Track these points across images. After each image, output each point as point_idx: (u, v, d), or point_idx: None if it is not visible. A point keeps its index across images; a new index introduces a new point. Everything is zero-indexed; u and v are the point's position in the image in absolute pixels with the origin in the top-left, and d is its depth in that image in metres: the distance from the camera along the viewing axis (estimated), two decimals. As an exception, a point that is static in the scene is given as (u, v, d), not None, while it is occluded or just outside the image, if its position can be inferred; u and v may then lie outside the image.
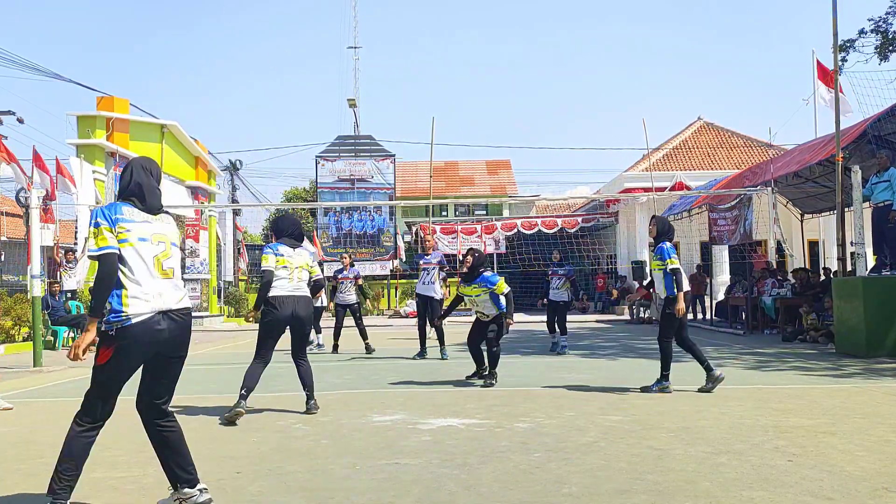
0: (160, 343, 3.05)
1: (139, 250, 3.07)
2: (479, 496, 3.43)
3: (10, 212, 25.03)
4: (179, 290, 3.18)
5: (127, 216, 3.10)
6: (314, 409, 5.85)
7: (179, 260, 3.28)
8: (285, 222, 6.00)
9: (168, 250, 3.17)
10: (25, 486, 3.76)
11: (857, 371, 7.92)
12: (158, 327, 3.03)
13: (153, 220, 3.18)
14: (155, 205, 3.21)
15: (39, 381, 8.55)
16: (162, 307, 3.05)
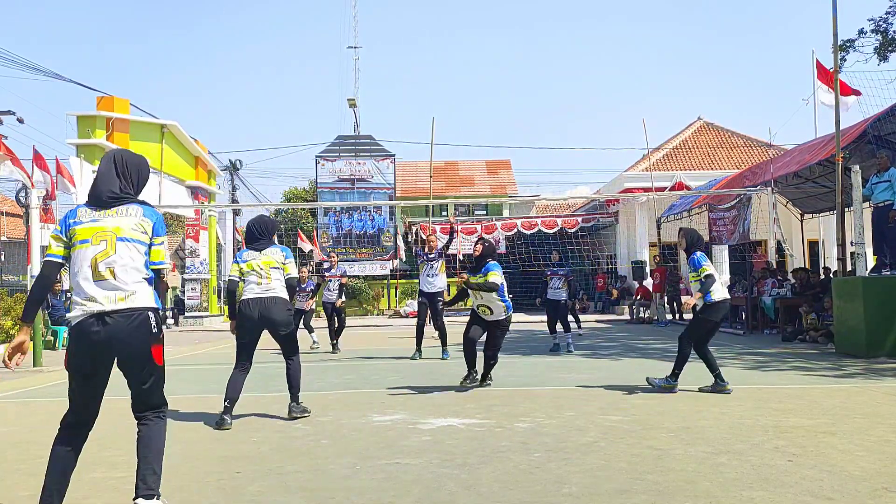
0: (99, 345, 2.91)
1: (81, 254, 2.96)
2: (479, 496, 3.43)
3: (10, 212, 25.04)
4: (121, 290, 2.90)
5: (79, 218, 3.01)
6: (294, 411, 5.53)
7: (133, 254, 2.97)
8: (250, 225, 5.89)
9: (109, 248, 2.93)
10: (25, 487, 3.76)
11: (857, 371, 7.92)
12: (93, 329, 2.89)
13: (102, 216, 2.99)
14: (105, 194, 3.00)
15: (39, 381, 8.55)
16: (95, 310, 2.87)
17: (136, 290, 2.94)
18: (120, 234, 2.97)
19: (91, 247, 2.94)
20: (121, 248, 2.95)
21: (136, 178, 3.15)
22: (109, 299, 2.89)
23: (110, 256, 2.93)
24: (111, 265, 2.93)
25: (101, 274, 2.91)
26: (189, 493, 3.56)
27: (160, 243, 3.08)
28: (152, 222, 3.06)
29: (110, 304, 2.89)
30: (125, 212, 3.03)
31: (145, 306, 2.95)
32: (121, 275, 2.92)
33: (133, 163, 3.15)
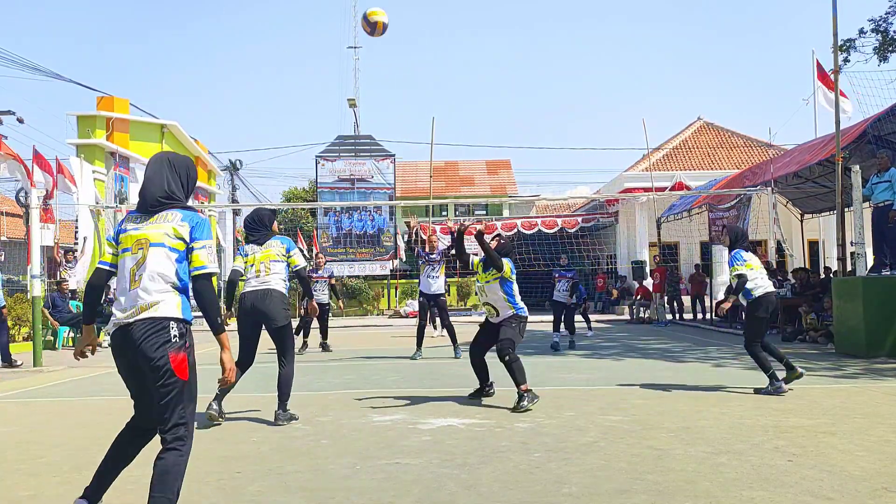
0: (127, 356, 2.84)
1: (122, 263, 2.94)
2: (479, 496, 3.43)
3: (10, 212, 25.04)
4: (145, 300, 2.81)
5: (125, 225, 2.99)
6: (280, 419, 5.32)
7: (163, 262, 2.87)
8: (247, 220, 5.82)
9: (143, 256, 2.88)
10: (26, 487, 3.76)
11: (857, 371, 7.92)
12: (119, 340, 2.84)
13: (144, 224, 2.94)
14: (151, 200, 2.95)
15: (39, 381, 8.55)
16: (122, 321, 2.83)
17: (161, 300, 2.83)
18: (153, 240, 2.89)
19: (131, 256, 2.91)
20: (152, 256, 2.88)
21: (185, 180, 3.07)
22: (136, 309, 2.82)
23: (143, 265, 2.87)
24: (142, 274, 2.86)
25: (136, 282, 2.86)
26: (189, 493, 3.56)
27: (201, 247, 2.92)
28: (190, 226, 2.93)
29: (135, 314, 2.81)
30: (164, 217, 2.94)
31: (167, 316, 2.81)
32: (148, 284, 2.84)
33: (182, 164, 3.09)
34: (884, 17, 13.92)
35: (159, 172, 3.00)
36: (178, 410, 2.81)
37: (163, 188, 2.97)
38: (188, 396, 2.83)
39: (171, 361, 2.76)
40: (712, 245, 18.77)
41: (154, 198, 2.95)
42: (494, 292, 6.21)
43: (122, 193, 17.98)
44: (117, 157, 17.73)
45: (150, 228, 2.91)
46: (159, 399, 2.79)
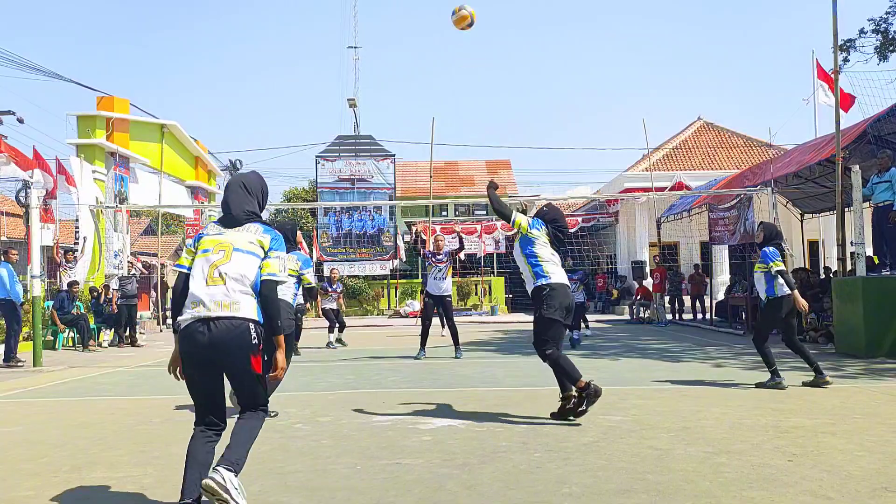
0: (203, 349, 3.02)
1: (200, 261, 3.18)
2: (480, 496, 3.43)
3: (10, 212, 25.02)
4: (227, 297, 3.07)
5: (207, 231, 3.31)
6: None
7: (245, 266, 3.15)
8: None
9: (225, 257, 3.15)
10: (27, 486, 3.76)
11: (857, 371, 7.93)
12: (199, 332, 3.02)
13: (227, 232, 3.26)
14: (233, 219, 3.29)
15: (39, 381, 8.55)
16: (202, 314, 3.03)
17: (241, 301, 3.09)
18: (237, 245, 3.19)
19: (211, 255, 3.17)
20: (235, 258, 3.16)
21: (261, 197, 3.45)
22: (216, 304, 3.05)
23: (225, 264, 3.13)
24: (224, 272, 3.11)
25: (215, 279, 3.11)
26: (190, 493, 3.56)
27: (275, 257, 3.25)
28: (270, 237, 3.27)
29: (216, 309, 3.04)
30: (247, 228, 3.27)
31: (247, 317, 3.08)
32: (230, 283, 3.10)
33: (255, 184, 3.43)
34: (884, 17, 13.92)
35: (237, 197, 3.35)
36: (258, 396, 3.21)
37: (243, 209, 3.32)
38: (264, 384, 3.22)
39: (252, 364, 3.09)
40: (712, 245, 18.76)
41: (241, 216, 3.30)
42: (518, 256, 5.41)
43: (122, 193, 17.97)
44: (117, 157, 17.72)
45: (235, 235, 3.24)
46: (242, 390, 3.17)
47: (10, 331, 10.58)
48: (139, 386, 7.96)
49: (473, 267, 26.16)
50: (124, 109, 18.15)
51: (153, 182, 19.89)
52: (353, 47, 32.10)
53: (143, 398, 6.91)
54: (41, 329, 10.59)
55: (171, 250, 36.23)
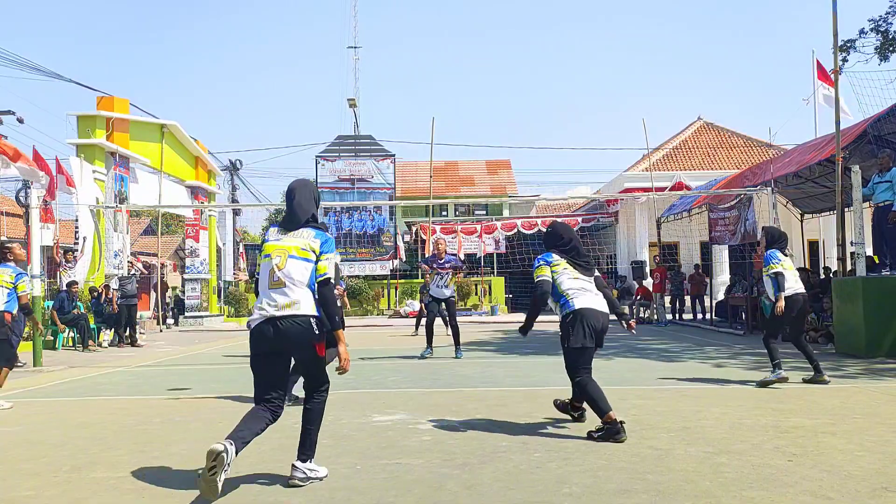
0: (272, 344, 3.54)
1: (264, 266, 3.68)
2: (480, 496, 3.43)
3: (10, 212, 25.03)
4: (288, 298, 3.54)
5: (269, 236, 3.77)
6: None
7: (300, 270, 3.60)
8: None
9: (282, 262, 3.61)
10: (27, 486, 3.76)
11: (857, 371, 7.93)
12: (267, 332, 3.54)
13: (285, 236, 3.69)
14: (291, 223, 3.73)
15: (39, 381, 8.55)
16: (269, 314, 3.54)
17: (300, 300, 3.56)
18: (291, 252, 3.64)
19: (272, 260, 3.65)
20: (290, 264, 3.61)
21: (317, 202, 3.91)
22: (280, 306, 3.54)
23: (282, 270, 3.60)
24: (283, 277, 3.59)
25: (276, 283, 3.59)
26: (189, 493, 3.56)
27: (326, 259, 3.67)
28: (320, 241, 3.69)
29: (280, 310, 3.53)
30: (301, 234, 3.70)
31: (308, 314, 3.57)
32: (289, 286, 3.58)
33: (315, 190, 3.94)
34: (884, 17, 13.92)
35: (306, 199, 3.80)
36: (321, 377, 3.74)
37: (307, 212, 3.76)
38: (324, 366, 3.75)
39: (316, 350, 3.62)
40: (712, 245, 18.76)
41: (300, 220, 3.73)
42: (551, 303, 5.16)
43: (122, 193, 17.97)
44: (117, 157, 17.73)
45: (291, 241, 3.68)
46: (309, 374, 3.72)
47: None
48: (139, 386, 7.96)
49: (473, 267, 26.16)
50: (124, 109, 18.15)
51: (153, 182, 19.89)
52: (353, 47, 32.11)
53: (143, 398, 6.92)
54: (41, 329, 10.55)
55: (171, 250, 36.22)
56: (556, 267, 4.88)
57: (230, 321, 23.53)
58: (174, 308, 24.03)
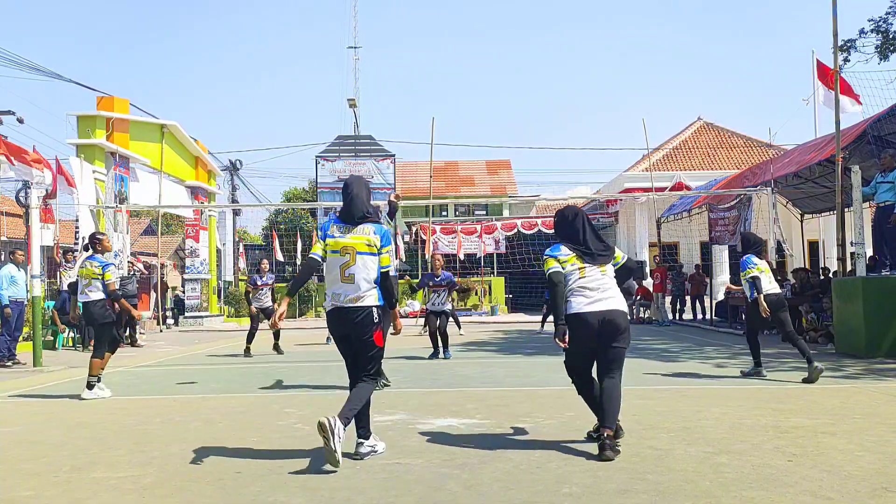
0: (340, 328, 4.17)
1: (333, 261, 4.16)
2: (480, 496, 3.43)
3: (10, 212, 25.03)
4: (357, 291, 4.09)
5: (332, 232, 4.18)
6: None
7: (367, 266, 4.11)
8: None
9: (351, 260, 4.11)
10: (27, 486, 3.76)
11: (857, 371, 7.93)
12: (338, 318, 4.13)
13: (348, 233, 4.14)
14: (356, 214, 4.17)
15: (39, 381, 8.55)
16: (339, 304, 4.11)
17: (366, 294, 4.10)
18: (359, 249, 4.12)
19: (340, 257, 4.13)
20: (359, 261, 4.11)
21: (370, 198, 4.31)
22: (349, 298, 4.09)
23: (351, 267, 4.11)
24: (352, 273, 4.10)
25: (346, 278, 4.11)
26: (189, 494, 3.56)
27: (386, 252, 4.18)
28: (379, 236, 4.16)
29: (349, 302, 4.09)
30: (363, 230, 4.15)
31: (371, 305, 4.11)
32: (358, 281, 4.10)
33: (368, 186, 4.33)
34: (884, 17, 13.92)
35: (360, 195, 4.20)
36: (375, 363, 4.23)
37: (362, 208, 4.18)
38: (380, 354, 4.27)
39: (374, 337, 4.14)
40: (712, 245, 18.76)
41: (358, 215, 4.17)
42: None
43: (122, 193, 17.97)
44: (117, 157, 17.72)
45: (354, 239, 4.13)
46: (365, 356, 4.17)
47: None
48: (139, 386, 7.96)
49: (473, 267, 26.15)
50: (124, 109, 18.15)
51: (153, 182, 19.88)
52: (353, 47, 32.08)
53: (143, 398, 6.92)
54: (41, 329, 10.56)
55: (171, 250, 36.21)
56: (564, 264, 4.45)
57: (230, 321, 23.53)
58: (174, 308, 24.03)
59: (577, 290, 4.42)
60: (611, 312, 4.29)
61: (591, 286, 4.37)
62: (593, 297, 4.35)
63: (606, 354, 4.34)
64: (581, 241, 4.47)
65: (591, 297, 4.35)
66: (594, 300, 4.34)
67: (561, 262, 4.42)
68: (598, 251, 4.46)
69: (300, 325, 21.86)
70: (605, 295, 4.36)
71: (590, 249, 4.44)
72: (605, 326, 4.28)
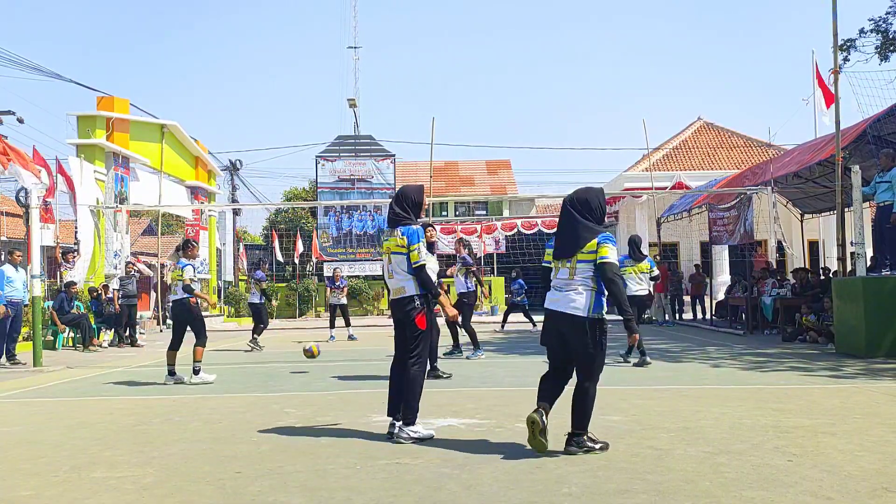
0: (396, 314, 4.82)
1: (384, 262, 4.94)
2: (479, 496, 3.43)
3: (10, 212, 25.03)
4: (397, 287, 4.78)
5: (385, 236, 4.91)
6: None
7: (400, 263, 4.76)
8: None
9: (389, 259, 4.82)
10: (27, 486, 3.76)
11: (857, 371, 7.92)
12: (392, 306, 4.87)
13: (389, 236, 4.84)
14: (390, 224, 4.85)
15: (39, 381, 8.55)
16: (392, 298, 4.84)
17: (405, 286, 4.75)
18: (392, 250, 4.81)
19: (384, 257, 4.93)
20: (394, 260, 4.81)
21: (409, 205, 4.85)
22: (394, 290, 4.82)
23: (391, 265, 4.84)
24: (392, 270, 4.83)
25: (389, 275, 4.87)
26: (189, 494, 3.56)
27: (415, 249, 4.68)
28: (406, 237, 4.71)
29: (394, 294, 4.81)
30: (395, 233, 4.80)
31: (411, 294, 4.74)
32: (395, 276, 4.81)
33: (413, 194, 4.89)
34: (884, 17, 13.93)
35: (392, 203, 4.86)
36: (417, 345, 4.75)
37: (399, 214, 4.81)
38: (424, 337, 4.79)
39: (416, 321, 4.72)
40: (712, 245, 18.76)
41: (393, 221, 4.83)
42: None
43: (122, 193, 17.97)
44: (117, 157, 17.72)
45: (391, 241, 4.83)
46: (411, 338, 4.75)
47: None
48: (139, 386, 7.96)
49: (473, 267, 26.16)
50: (124, 109, 18.15)
51: (153, 182, 19.88)
52: (353, 47, 32.05)
53: (143, 398, 6.91)
54: (41, 329, 10.55)
55: (171, 250, 36.19)
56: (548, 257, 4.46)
57: (230, 321, 23.52)
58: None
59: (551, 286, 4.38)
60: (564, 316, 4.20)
61: (559, 285, 4.28)
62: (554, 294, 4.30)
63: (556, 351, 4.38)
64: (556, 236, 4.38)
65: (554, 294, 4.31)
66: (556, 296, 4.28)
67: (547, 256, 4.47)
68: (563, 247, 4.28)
69: (300, 325, 21.86)
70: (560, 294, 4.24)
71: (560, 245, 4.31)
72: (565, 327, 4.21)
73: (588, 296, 4.16)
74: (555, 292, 4.28)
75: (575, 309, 4.13)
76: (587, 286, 4.17)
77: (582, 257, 4.16)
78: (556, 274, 4.31)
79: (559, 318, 4.21)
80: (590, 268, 4.16)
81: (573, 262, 4.18)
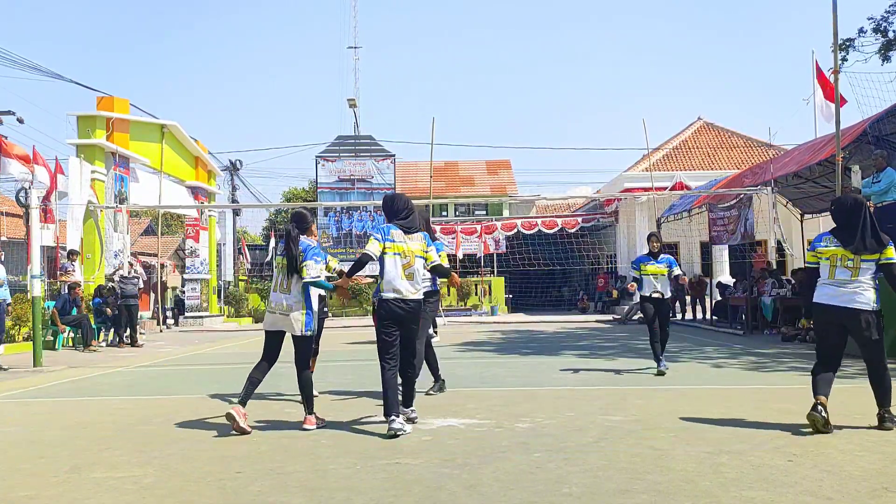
0: (399, 317, 4.97)
1: (393, 261, 4.98)
2: (480, 496, 3.43)
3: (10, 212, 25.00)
4: (414, 287, 5.03)
5: (393, 236, 5.01)
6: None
7: (420, 266, 5.09)
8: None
9: (411, 261, 5.01)
10: (26, 486, 3.76)
11: (857, 371, 7.91)
12: (398, 307, 4.96)
13: (408, 239, 5.03)
14: (410, 228, 5.11)
15: (39, 381, 8.55)
16: (400, 297, 4.95)
17: (421, 289, 5.17)
18: (416, 253, 5.06)
19: (401, 258, 5.01)
20: (416, 263, 5.06)
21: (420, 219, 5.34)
22: (410, 292, 5.00)
23: (411, 267, 5.03)
24: (412, 272, 5.03)
25: (406, 276, 5.00)
26: (189, 493, 3.56)
27: (431, 250, 5.21)
28: (427, 242, 5.21)
29: (410, 295, 5.00)
30: (417, 238, 5.13)
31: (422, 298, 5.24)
32: (416, 278, 5.08)
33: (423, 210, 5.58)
34: (884, 16, 13.93)
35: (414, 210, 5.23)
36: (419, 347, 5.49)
37: (415, 223, 5.17)
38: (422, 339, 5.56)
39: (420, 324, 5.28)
40: (712, 245, 18.76)
41: (416, 227, 5.15)
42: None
43: (122, 193, 17.97)
44: (117, 157, 17.72)
45: (412, 244, 5.07)
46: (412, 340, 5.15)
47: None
48: (139, 386, 7.96)
49: (473, 267, 26.16)
50: (124, 109, 18.15)
51: (153, 182, 19.88)
52: (353, 47, 32.05)
53: (143, 398, 6.92)
54: (41, 329, 10.53)
55: (171, 250, 36.19)
56: (813, 257, 5.14)
57: (230, 321, 23.52)
58: (174, 308, 24.03)
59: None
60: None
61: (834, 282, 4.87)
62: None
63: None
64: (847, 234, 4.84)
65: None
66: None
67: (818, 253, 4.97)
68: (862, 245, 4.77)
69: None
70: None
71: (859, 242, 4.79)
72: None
73: (872, 292, 4.74)
74: (833, 288, 4.82)
75: (863, 304, 4.72)
76: (871, 284, 4.75)
77: (867, 257, 4.76)
78: (834, 274, 4.84)
79: (841, 312, 4.79)
80: (871, 267, 4.76)
81: (856, 261, 4.76)
